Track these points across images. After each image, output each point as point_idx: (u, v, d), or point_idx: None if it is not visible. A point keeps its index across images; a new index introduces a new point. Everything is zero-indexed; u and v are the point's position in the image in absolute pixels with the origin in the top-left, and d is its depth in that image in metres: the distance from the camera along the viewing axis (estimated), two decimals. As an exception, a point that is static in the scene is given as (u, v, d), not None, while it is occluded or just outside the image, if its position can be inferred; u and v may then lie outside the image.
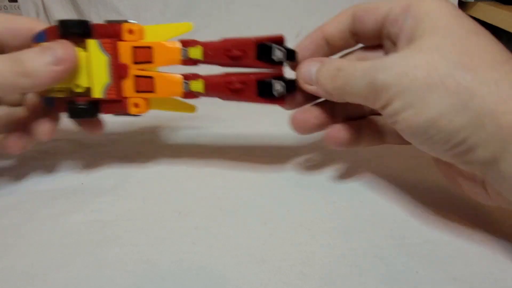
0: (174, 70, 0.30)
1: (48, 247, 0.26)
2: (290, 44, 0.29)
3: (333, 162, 0.35)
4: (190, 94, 0.30)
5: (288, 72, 0.30)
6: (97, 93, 0.29)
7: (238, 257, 0.25)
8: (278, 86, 0.29)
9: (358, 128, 0.30)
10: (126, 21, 0.29)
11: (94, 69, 0.29)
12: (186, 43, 0.29)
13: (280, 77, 0.29)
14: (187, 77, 0.30)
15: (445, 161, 0.24)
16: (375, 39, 0.28)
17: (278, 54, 0.29)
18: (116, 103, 0.30)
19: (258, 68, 0.29)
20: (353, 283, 0.23)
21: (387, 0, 0.26)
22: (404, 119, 0.23)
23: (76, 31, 0.28)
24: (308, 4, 0.75)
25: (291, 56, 0.29)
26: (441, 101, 0.21)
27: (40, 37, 0.29)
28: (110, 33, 0.29)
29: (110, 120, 0.33)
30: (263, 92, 0.29)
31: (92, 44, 0.29)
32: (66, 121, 0.32)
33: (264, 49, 0.29)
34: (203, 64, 0.30)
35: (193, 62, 0.30)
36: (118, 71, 0.29)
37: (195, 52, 0.29)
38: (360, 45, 0.30)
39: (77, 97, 0.30)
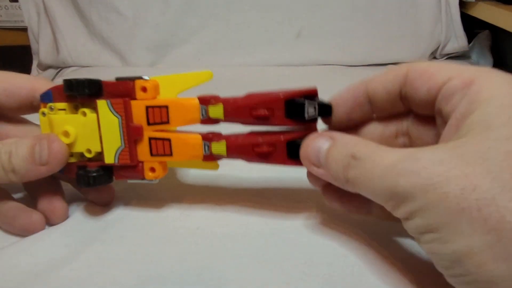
0: (192, 127, 0.27)
1: (52, 245, 0.27)
2: (292, 46, 0.28)
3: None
4: (210, 157, 0.27)
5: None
6: (109, 158, 0.27)
7: (240, 257, 0.25)
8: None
9: (351, 195, 0.23)
10: (139, 78, 0.26)
11: (104, 132, 0.27)
12: (205, 101, 0.26)
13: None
14: (208, 138, 0.27)
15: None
16: (428, 110, 0.23)
17: (311, 111, 0.25)
18: (130, 169, 0.27)
19: (286, 126, 0.26)
20: (354, 283, 0.23)
21: (451, 66, 0.21)
22: (426, 241, 0.18)
23: (83, 92, 0.26)
24: (308, 4, 0.75)
25: (325, 112, 0.25)
26: (473, 234, 0.16)
27: (47, 97, 0.27)
28: (122, 91, 0.26)
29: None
30: (293, 154, 0.25)
31: (102, 105, 0.26)
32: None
33: (295, 107, 0.25)
34: (224, 122, 0.27)
35: (213, 121, 0.27)
36: (131, 134, 0.27)
37: (216, 111, 0.26)
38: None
39: (88, 162, 0.28)
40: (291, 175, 0.33)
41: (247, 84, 0.65)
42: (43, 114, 0.28)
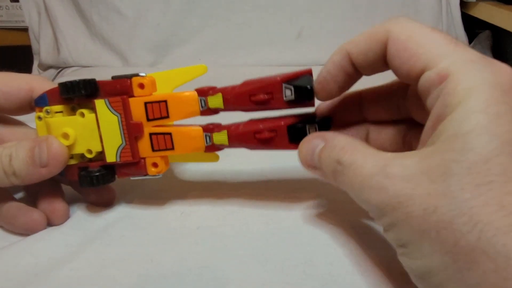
0: (192, 119, 0.28)
1: (52, 245, 0.27)
2: (292, 46, 0.28)
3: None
4: (212, 147, 0.27)
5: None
6: (111, 157, 0.27)
7: (240, 257, 0.25)
8: (312, 130, 0.25)
9: None
10: (135, 75, 0.26)
11: (104, 131, 0.27)
12: (203, 92, 0.27)
13: (312, 117, 0.26)
14: (208, 129, 0.27)
15: None
16: (410, 82, 0.22)
17: (306, 90, 0.25)
18: (132, 165, 0.28)
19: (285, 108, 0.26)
20: (354, 282, 0.23)
21: (430, 44, 0.20)
22: (399, 253, 0.19)
23: (79, 93, 0.26)
24: (308, 4, 0.75)
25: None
26: (432, 255, 0.17)
27: (42, 101, 0.27)
28: (119, 90, 0.26)
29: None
30: (295, 138, 0.25)
31: (100, 104, 0.26)
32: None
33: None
34: (224, 111, 0.27)
35: (213, 111, 0.27)
36: (132, 131, 0.27)
37: (215, 101, 0.26)
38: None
39: (89, 162, 0.28)
40: (291, 167, 0.33)
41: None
42: (39, 118, 0.27)
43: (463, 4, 0.77)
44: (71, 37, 0.75)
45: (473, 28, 0.79)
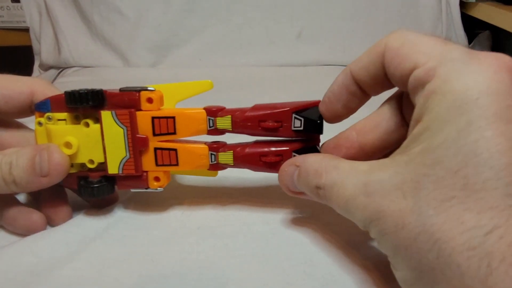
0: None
1: (53, 245, 0.27)
2: (292, 47, 0.28)
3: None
4: (216, 166, 0.28)
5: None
6: (113, 169, 0.27)
7: (240, 257, 0.26)
8: None
9: None
10: (144, 89, 0.26)
11: (108, 143, 0.26)
12: (212, 112, 0.27)
13: (314, 147, 0.27)
14: (213, 148, 0.27)
15: None
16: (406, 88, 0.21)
17: (313, 124, 0.26)
18: (134, 178, 0.27)
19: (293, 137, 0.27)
20: (355, 282, 0.24)
21: (423, 44, 0.20)
22: (390, 263, 0.20)
23: (86, 104, 0.26)
24: (309, 4, 0.75)
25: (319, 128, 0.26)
26: (404, 269, 0.18)
27: (44, 107, 0.27)
28: (126, 103, 0.26)
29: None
30: None
31: (106, 116, 0.26)
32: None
33: (304, 121, 0.26)
34: (230, 133, 0.27)
35: (220, 132, 0.27)
36: (137, 145, 0.26)
37: (224, 123, 0.26)
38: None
39: (89, 172, 0.27)
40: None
41: (248, 84, 0.65)
42: (40, 124, 0.27)
43: (463, 5, 0.77)
44: (72, 37, 0.75)
45: (473, 28, 0.79)
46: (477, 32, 0.80)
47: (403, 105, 0.24)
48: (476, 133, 0.16)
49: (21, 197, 0.31)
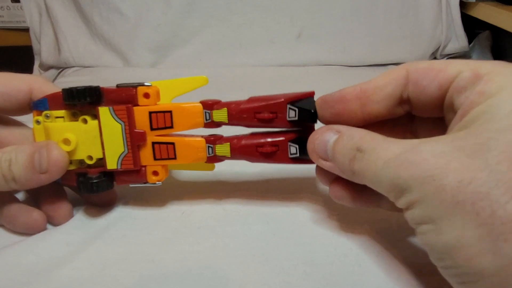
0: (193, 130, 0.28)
1: (54, 244, 0.27)
2: (292, 46, 0.28)
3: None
4: (214, 158, 0.28)
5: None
6: (112, 164, 0.27)
7: (241, 257, 0.26)
8: None
9: (360, 188, 0.25)
10: (141, 84, 0.27)
11: (107, 138, 0.27)
12: (208, 105, 0.27)
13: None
14: (210, 141, 0.28)
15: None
16: (434, 111, 0.22)
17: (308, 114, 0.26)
18: (133, 173, 0.28)
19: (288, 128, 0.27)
20: (355, 282, 0.24)
21: (456, 61, 0.21)
22: (421, 232, 0.19)
23: (84, 101, 0.26)
24: (309, 4, 0.75)
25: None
26: (465, 228, 0.17)
27: (42, 105, 0.27)
28: (124, 98, 0.26)
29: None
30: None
31: (104, 112, 0.26)
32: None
33: (299, 110, 0.26)
34: (226, 125, 0.28)
35: (216, 124, 0.28)
36: (135, 139, 0.27)
37: (220, 115, 0.27)
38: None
39: (88, 168, 0.28)
40: (291, 167, 0.34)
41: (248, 84, 0.65)
42: (38, 122, 0.27)
43: (463, 5, 0.77)
44: (72, 37, 0.75)
45: (473, 28, 0.79)
46: (477, 32, 0.80)
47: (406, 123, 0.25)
48: None
49: (21, 196, 0.31)
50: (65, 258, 0.26)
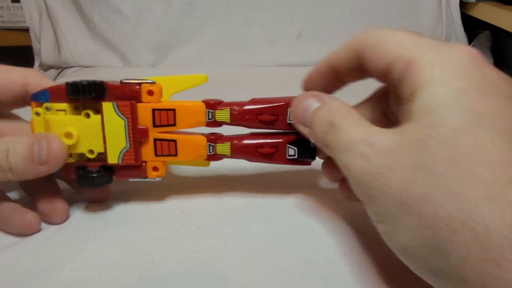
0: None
1: (53, 245, 0.27)
2: (293, 46, 0.29)
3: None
4: (214, 156, 0.29)
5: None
6: (113, 159, 0.27)
7: (241, 257, 0.26)
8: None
9: None
10: (145, 81, 0.27)
11: (109, 133, 0.27)
12: (211, 105, 0.28)
13: (308, 140, 0.27)
14: (211, 139, 0.28)
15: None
16: (386, 81, 0.23)
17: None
18: (133, 168, 0.28)
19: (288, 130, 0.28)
20: (355, 282, 0.24)
21: (397, 40, 0.21)
22: (382, 231, 0.19)
23: (88, 95, 0.26)
24: (309, 4, 0.75)
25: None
26: (414, 229, 0.17)
27: (43, 97, 0.27)
28: (127, 94, 0.27)
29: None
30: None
31: (107, 107, 0.26)
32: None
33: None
34: (227, 125, 0.28)
35: (218, 124, 0.28)
36: (137, 136, 0.27)
37: (222, 115, 0.28)
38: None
39: (87, 162, 0.28)
40: (291, 166, 0.34)
41: (248, 84, 0.65)
42: (37, 114, 0.27)
43: (463, 5, 0.77)
44: (72, 37, 0.75)
45: (473, 28, 0.79)
46: (477, 32, 0.80)
47: (385, 101, 0.25)
48: (475, 97, 0.18)
49: (16, 195, 0.31)
50: (64, 258, 0.26)
